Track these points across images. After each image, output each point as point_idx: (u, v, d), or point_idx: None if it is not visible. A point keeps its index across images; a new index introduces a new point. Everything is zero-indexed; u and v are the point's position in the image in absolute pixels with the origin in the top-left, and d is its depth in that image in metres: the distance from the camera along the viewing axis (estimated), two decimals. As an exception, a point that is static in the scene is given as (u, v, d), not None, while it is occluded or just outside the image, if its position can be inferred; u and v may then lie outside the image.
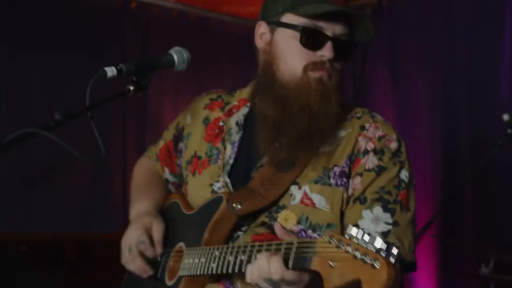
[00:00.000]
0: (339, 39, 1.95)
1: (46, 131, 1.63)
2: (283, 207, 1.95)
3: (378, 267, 1.39)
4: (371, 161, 1.95)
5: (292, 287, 1.66)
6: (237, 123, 2.12)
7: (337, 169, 1.96)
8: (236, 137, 2.09)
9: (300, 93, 1.94)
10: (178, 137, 2.29)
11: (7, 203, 4.77)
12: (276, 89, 1.98)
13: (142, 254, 2.08)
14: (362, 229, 1.47)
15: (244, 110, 2.14)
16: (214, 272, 1.85)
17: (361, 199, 1.93)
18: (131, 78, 1.82)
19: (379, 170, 1.94)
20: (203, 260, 1.90)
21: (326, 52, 1.93)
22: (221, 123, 2.16)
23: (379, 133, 1.99)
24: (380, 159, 1.95)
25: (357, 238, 1.46)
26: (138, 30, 5.54)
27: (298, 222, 1.92)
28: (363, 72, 5.74)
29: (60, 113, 1.65)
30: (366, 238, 1.44)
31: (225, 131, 2.13)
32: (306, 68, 1.94)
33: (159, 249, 2.09)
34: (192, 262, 1.95)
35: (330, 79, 1.96)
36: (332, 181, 1.94)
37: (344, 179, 1.94)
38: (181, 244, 2.08)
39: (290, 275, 1.63)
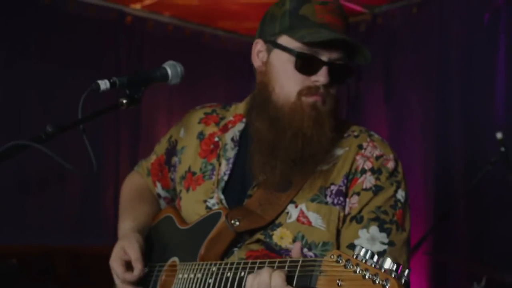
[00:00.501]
0: (334, 63, 1.94)
1: (38, 143, 1.62)
2: (279, 225, 1.94)
3: (388, 287, 1.38)
4: (368, 180, 1.95)
5: None
6: (232, 139, 2.12)
7: (334, 188, 1.95)
8: (231, 153, 2.09)
9: (294, 118, 1.94)
10: (171, 151, 2.28)
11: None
12: (270, 110, 1.98)
13: (126, 283, 2.07)
14: (371, 251, 1.46)
15: (240, 126, 2.13)
16: (211, 287, 1.83)
17: (357, 218, 1.92)
18: (124, 91, 1.82)
19: (376, 190, 1.94)
20: (199, 275, 1.89)
21: (321, 77, 1.92)
22: (216, 139, 2.15)
23: (377, 152, 1.99)
24: (377, 179, 1.95)
25: (365, 259, 1.45)
26: (133, 44, 5.54)
27: (294, 240, 1.91)
28: (358, 89, 5.74)
29: (52, 125, 1.64)
30: (375, 259, 1.44)
31: (220, 147, 2.12)
32: (300, 93, 1.94)
33: (138, 266, 2.05)
34: (187, 277, 1.93)
35: (324, 104, 1.95)
36: (329, 199, 1.94)
37: (341, 198, 1.94)
38: (175, 259, 2.07)
39: None
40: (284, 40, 1.97)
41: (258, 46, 2.05)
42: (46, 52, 5.09)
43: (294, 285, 1.60)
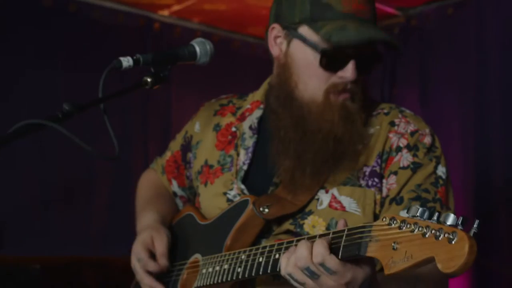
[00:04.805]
0: (364, 53, 1.79)
1: (54, 122, 1.47)
2: (310, 213, 1.81)
3: (456, 241, 1.19)
4: (405, 158, 1.82)
5: (333, 280, 1.45)
6: (250, 127, 1.99)
7: (367, 169, 1.83)
8: (250, 142, 1.97)
9: (323, 120, 1.81)
10: (186, 147, 2.16)
11: (25, 226, 4.71)
12: (294, 108, 1.84)
13: (148, 272, 1.92)
14: (429, 208, 1.29)
15: (258, 112, 2.00)
16: (240, 277, 1.68)
17: (397, 200, 1.79)
18: (149, 70, 1.68)
19: (415, 167, 1.81)
20: (226, 266, 1.74)
21: (348, 73, 1.78)
22: (233, 129, 2.03)
23: (411, 128, 1.86)
24: (414, 155, 1.82)
25: (424, 218, 1.27)
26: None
27: (327, 228, 1.76)
28: (392, 94, 5.58)
29: (69, 104, 1.50)
30: (436, 216, 1.26)
31: (238, 137, 2.00)
32: (327, 92, 1.81)
33: (162, 262, 1.94)
34: (212, 270, 1.79)
35: (354, 101, 1.83)
36: (362, 182, 1.81)
37: (376, 179, 1.81)
38: (197, 256, 1.94)
39: (333, 262, 1.42)
40: (305, 31, 1.81)
41: (275, 31, 1.89)
42: (73, 61, 5.02)
43: (340, 257, 1.42)
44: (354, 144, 1.82)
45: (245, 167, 1.93)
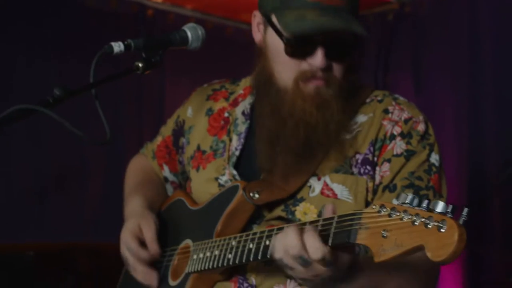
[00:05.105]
0: (332, 41, 1.75)
1: (44, 108, 1.46)
2: (301, 200, 1.80)
3: (445, 229, 1.19)
4: (398, 145, 1.80)
5: (326, 271, 1.45)
6: (243, 113, 1.99)
7: (359, 157, 1.81)
8: (242, 127, 1.96)
9: (295, 106, 1.78)
10: (179, 132, 2.15)
11: (18, 213, 4.71)
12: (272, 95, 1.83)
13: (140, 259, 1.92)
14: (418, 195, 1.28)
15: (251, 98, 2.00)
16: (230, 263, 1.68)
17: (390, 187, 1.78)
18: (140, 55, 1.68)
19: (408, 155, 1.80)
20: (216, 252, 1.74)
21: (317, 61, 1.74)
22: (226, 114, 2.03)
23: (405, 115, 1.84)
24: (408, 143, 1.80)
25: (413, 205, 1.26)
26: (154, 37, 5.44)
27: (319, 216, 1.75)
28: (385, 81, 5.58)
29: (60, 89, 1.49)
30: (425, 204, 1.25)
31: (230, 122, 2.00)
32: (296, 79, 1.78)
33: (153, 248, 1.91)
34: (203, 256, 1.78)
35: (329, 86, 1.78)
36: (355, 169, 1.80)
37: (368, 167, 1.80)
38: (188, 241, 1.92)
39: (330, 254, 1.42)
40: (274, 20, 1.80)
41: (257, 18, 1.90)
42: (66, 47, 5.00)
43: (330, 244, 1.42)
44: (334, 132, 1.79)
45: (237, 153, 1.93)
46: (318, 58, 1.74)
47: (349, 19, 1.74)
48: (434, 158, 1.82)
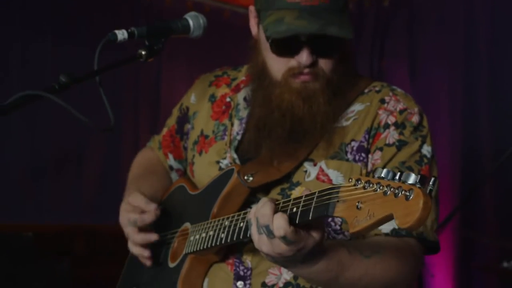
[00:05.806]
0: (317, 39, 1.78)
1: (50, 94, 1.50)
2: (297, 184, 1.85)
3: (412, 197, 1.24)
4: (391, 135, 1.85)
5: (287, 250, 1.49)
6: (245, 99, 2.04)
7: (354, 144, 1.86)
8: (244, 112, 2.02)
9: (282, 100, 1.84)
10: (183, 118, 2.20)
11: (17, 194, 4.76)
12: (265, 85, 1.89)
13: (140, 231, 1.96)
14: (394, 169, 1.33)
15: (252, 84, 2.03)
16: (223, 242, 1.72)
17: None
18: (143, 42, 1.71)
19: (400, 145, 1.84)
20: (211, 233, 1.79)
21: (302, 59, 1.79)
22: (228, 99, 2.08)
23: (400, 106, 1.89)
24: (401, 133, 1.85)
25: (388, 178, 1.31)
26: (151, 21, 5.43)
27: None
28: (381, 67, 5.60)
29: (65, 75, 1.53)
30: (397, 176, 1.30)
31: (232, 107, 2.05)
32: (285, 75, 1.84)
33: (151, 206, 1.93)
34: (199, 237, 1.84)
35: (316, 80, 1.83)
36: (350, 156, 1.85)
37: (363, 154, 1.85)
38: (187, 224, 1.98)
39: (292, 234, 1.46)
40: (262, 17, 1.84)
41: (253, 13, 1.94)
42: (62, 30, 5.03)
43: (310, 217, 1.46)
44: (320, 123, 1.84)
45: (238, 137, 1.98)
46: (303, 57, 1.79)
47: (329, 20, 1.77)
48: (426, 149, 1.86)
